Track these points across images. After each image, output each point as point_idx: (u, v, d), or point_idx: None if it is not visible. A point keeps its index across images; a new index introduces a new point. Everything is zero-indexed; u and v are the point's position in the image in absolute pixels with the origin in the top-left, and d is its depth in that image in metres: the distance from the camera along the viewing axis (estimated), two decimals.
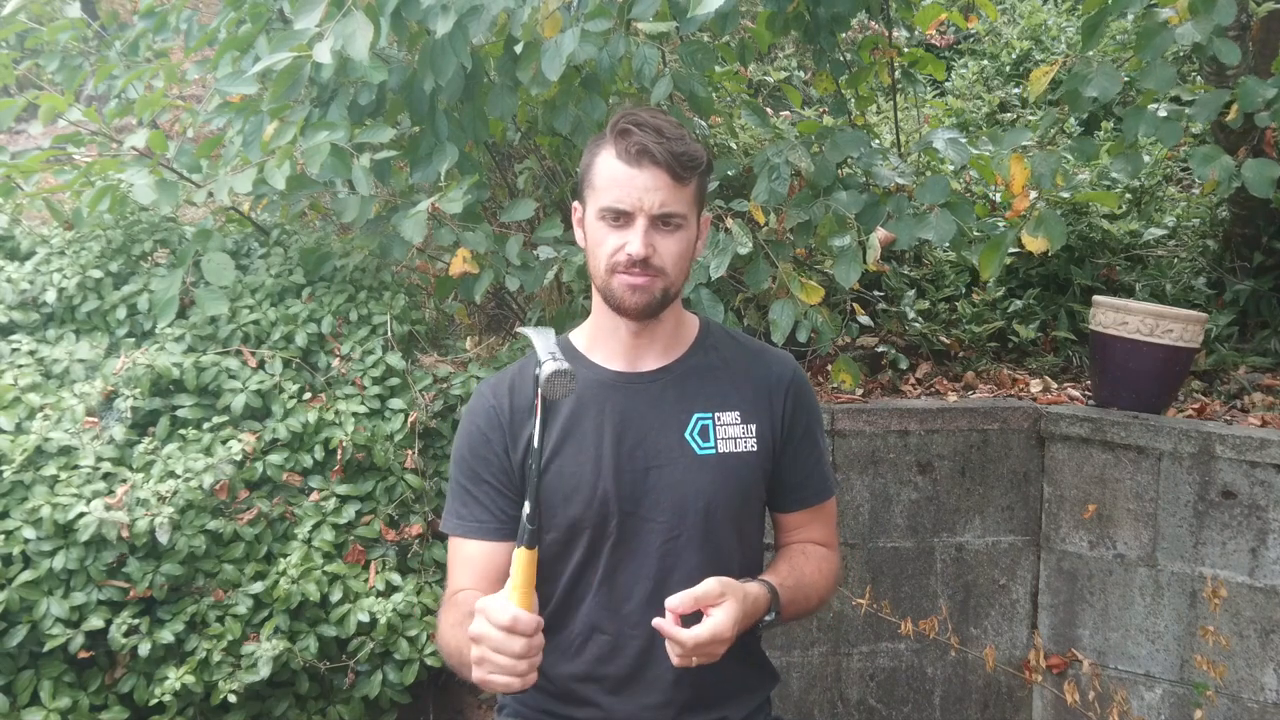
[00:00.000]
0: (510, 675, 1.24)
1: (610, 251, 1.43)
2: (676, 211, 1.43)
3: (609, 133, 1.45)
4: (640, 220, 1.41)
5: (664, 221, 1.43)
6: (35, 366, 2.40)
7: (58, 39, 2.79)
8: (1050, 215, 2.27)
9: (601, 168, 1.44)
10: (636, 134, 1.40)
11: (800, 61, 4.51)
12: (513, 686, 1.25)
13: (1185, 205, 3.89)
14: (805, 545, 1.61)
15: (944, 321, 3.37)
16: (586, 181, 1.48)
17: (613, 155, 1.43)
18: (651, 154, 1.40)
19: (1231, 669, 2.53)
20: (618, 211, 1.42)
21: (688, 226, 1.46)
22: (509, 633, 1.23)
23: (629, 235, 1.42)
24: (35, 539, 2.12)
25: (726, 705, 1.53)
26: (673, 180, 1.41)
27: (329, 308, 2.58)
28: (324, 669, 2.29)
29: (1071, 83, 2.25)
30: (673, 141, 1.41)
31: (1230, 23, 2.12)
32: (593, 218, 1.46)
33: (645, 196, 1.40)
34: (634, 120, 1.42)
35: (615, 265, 1.43)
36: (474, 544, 1.50)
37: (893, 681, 2.79)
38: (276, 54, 2.10)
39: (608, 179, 1.43)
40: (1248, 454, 2.49)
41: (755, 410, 1.53)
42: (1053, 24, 5.17)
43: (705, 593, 1.32)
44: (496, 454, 1.50)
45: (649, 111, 1.46)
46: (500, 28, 2.25)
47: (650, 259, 1.42)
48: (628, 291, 1.44)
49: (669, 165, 1.40)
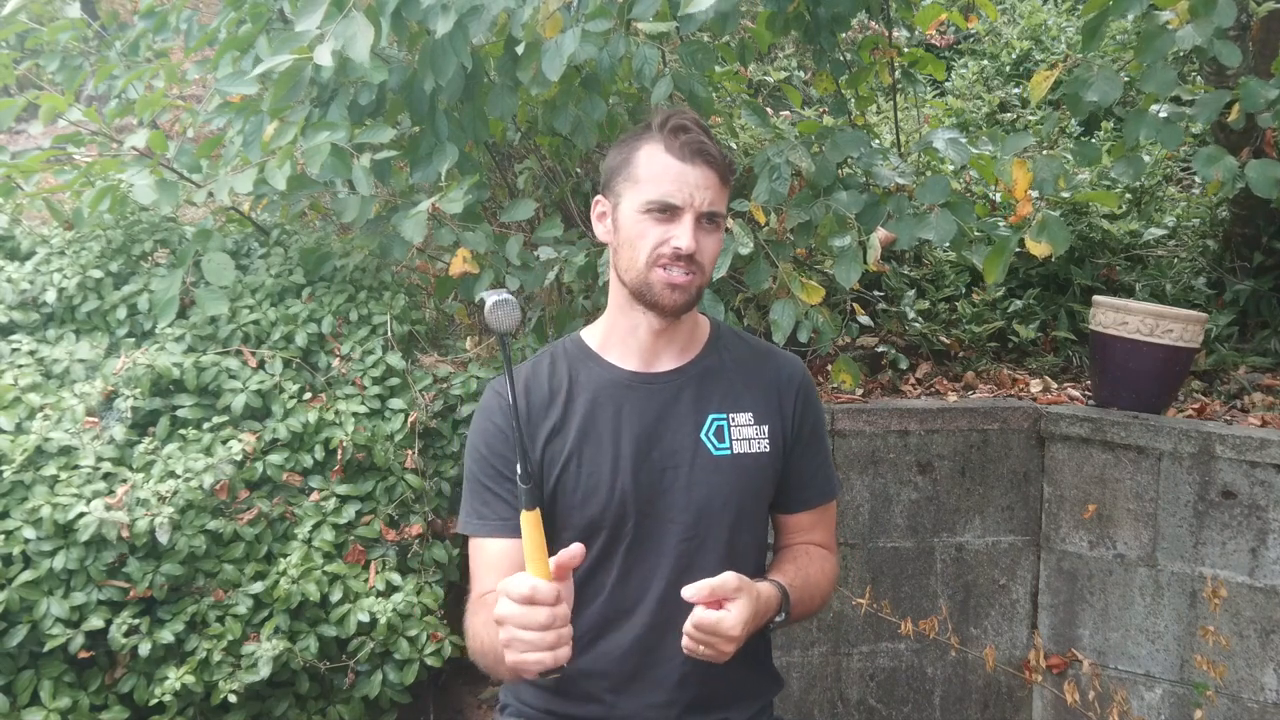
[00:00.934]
0: (539, 650, 1.22)
1: (655, 244, 1.43)
2: (720, 211, 1.46)
3: (656, 129, 1.45)
4: (689, 215, 1.42)
5: (709, 219, 1.45)
6: (35, 366, 2.40)
7: (58, 39, 2.79)
8: (1054, 221, 2.27)
9: (648, 161, 1.44)
10: (692, 131, 1.43)
11: (800, 61, 4.51)
12: (544, 663, 1.22)
13: (1185, 205, 3.89)
14: (807, 547, 1.62)
15: (944, 321, 3.37)
16: (624, 175, 1.47)
17: (661, 149, 1.43)
18: (707, 153, 1.43)
19: (1231, 669, 2.53)
20: (668, 205, 1.42)
21: (723, 227, 1.49)
22: (530, 604, 1.21)
23: (676, 230, 1.42)
24: (35, 539, 2.12)
25: (729, 708, 1.53)
26: (720, 181, 1.45)
27: (329, 308, 2.58)
28: (324, 669, 2.29)
29: (1072, 86, 2.25)
30: (716, 143, 1.45)
31: (1230, 24, 2.12)
32: (633, 210, 1.45)
33: (697, 193, 1.42)
34: (685, 119, 1.44)
35: (659, 258, 1.43)
36: (498, 543, 1.49)
37: (893, 681, 2.79)
38: (277, 56, 2.10)
39: (657, 172, 1.43)
40: (1248, 454, 2.49)
41: (767, 411, 1.54)
42: (1053, 24, 5.17)
43: (722, 584, 1.31)
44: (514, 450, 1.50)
45: (688, 112, 1.48)
46: (500, 28, 2.25)
47: (695, 255, 1.43)
48: (667, 290, 1.44)
49: (718, 165, 1.44)
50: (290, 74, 2.14)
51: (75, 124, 2.82)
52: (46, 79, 3.03)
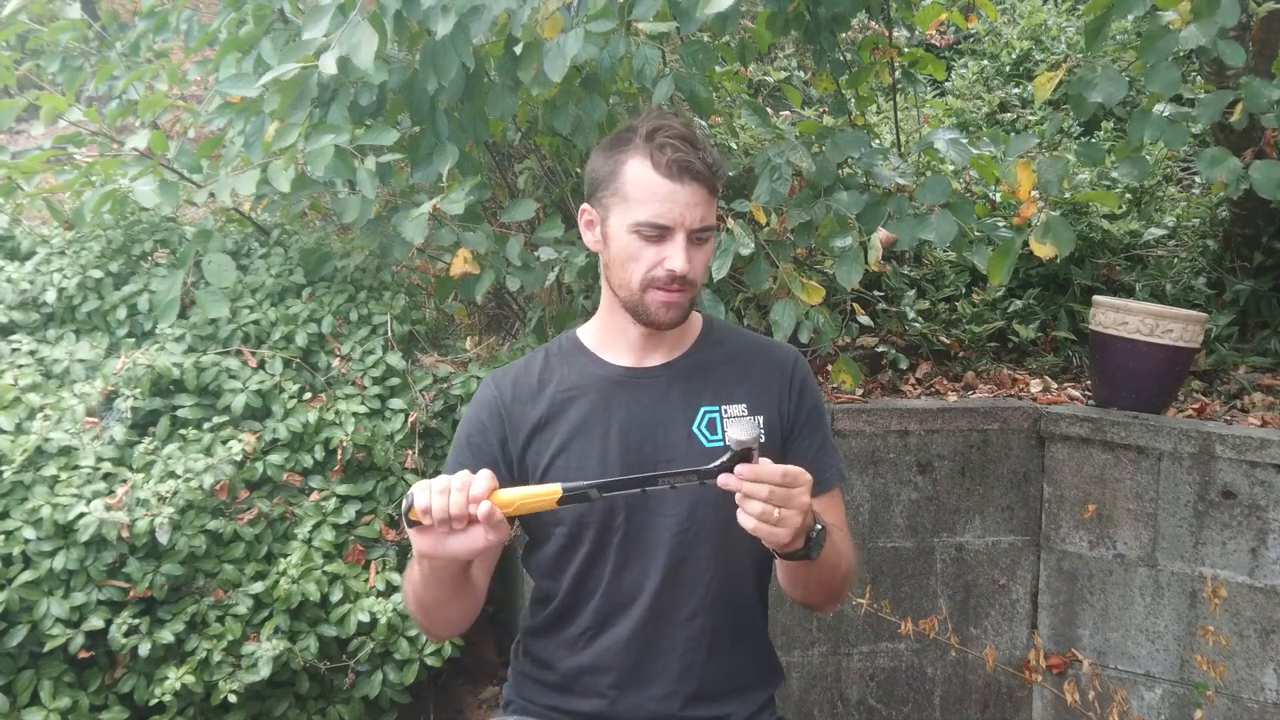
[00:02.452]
0: (425, 491, 1.24)
1: (648, 267, 1.42)
2: (711, 225, 1.44)
3: (640, 141, 1.42)
4: (680, 235, 1.41)
5: (700, 235, 1.43)
6: (35, 366, 2.40)
7: (58, 40, 2.79)
8: (1059, 223, 2.27)
9: (636, 179, 1.41)
10: (677, 148, 1.39)
11: (800, 61, 4.51)
12: (421, 499, 1.25)
13: (1185, 205, 3.89)
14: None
15: (944, 321, 3.37)
16: (611, 190, 1.45)
17: (648, 167, 1.41)
18: (693, 170, 1.40)
19: (1231, 669, 2.53)
20: (658, 227, 1.41)
21: (713, 237, 1.48)
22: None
23: (668, 250, 1.41)
24: (35, 539, 2.12)
25: (731, 700, 1.53)
26: (709, 194, 1.43)
27: (329, 308, 2.58)
28: (324, 669, 2.30)
29: (1076, 87, 2.25)
30: (704, 152, 1.42)
31: (1234, 25, 2.12)
32: (623, 229, 1.43)
33: (687, 213, 1.40)
34: (669, 133, 1.41)
35: (653, 281, 1.42)
36: None
37: (893, 681, 2.80)
38: (283, 65, 2.09)
39: (647, 193, 1.41)
40: (1248, 454, 2.49)
41: (762, 402, 1.53)
42: (1053, 24, 5.17)
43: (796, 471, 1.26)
44: (491, 445, 1.50)
45: (673, 118, 1.46)
46: (500, 28, 2.25)
47: (688, 274, 1.42)
48: (662, 309, 1.44)
49: (707, 180, 1.41)
50: (296, 82, 2.14)
51: (75, 124, 2.82)
52: (47, 79, 3.03)
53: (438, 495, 1.24)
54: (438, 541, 1.27)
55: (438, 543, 1.27)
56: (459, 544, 1.27)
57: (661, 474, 1.30)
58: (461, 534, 1.27)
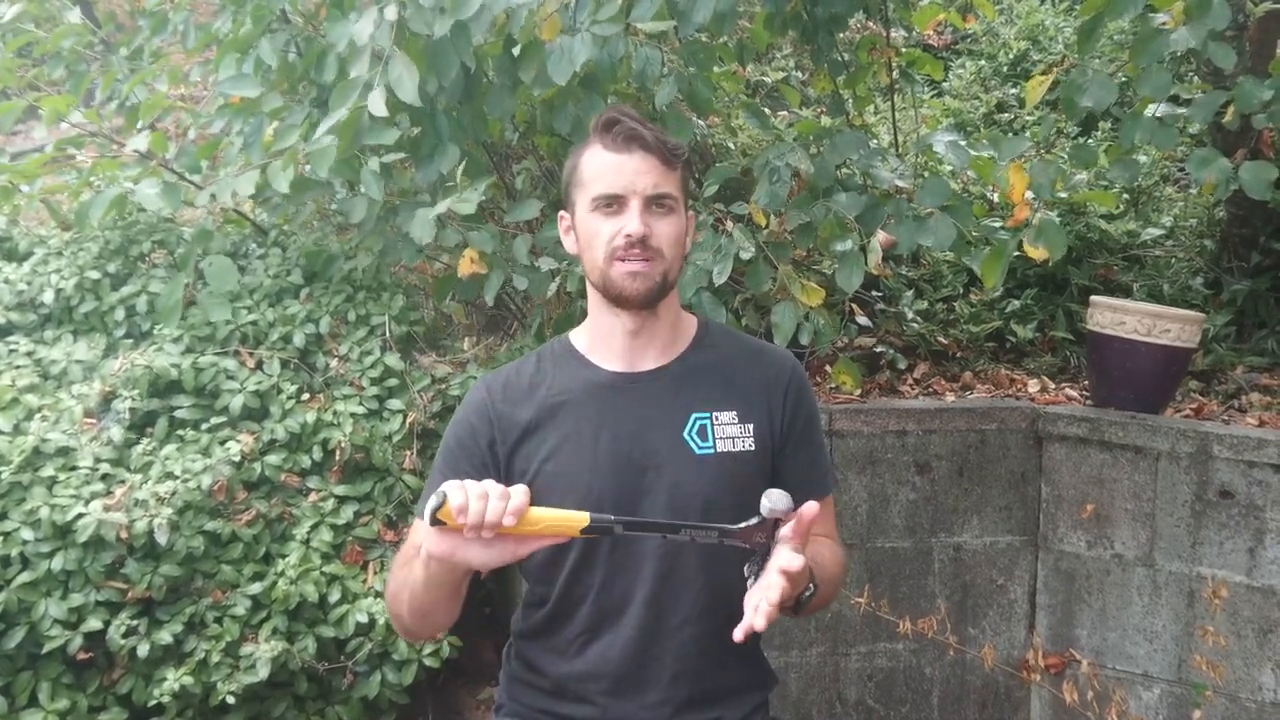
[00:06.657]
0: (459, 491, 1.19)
1: (608, 239, 1.43)
2: (669, 193, 1.45)
3: (592, 130, 1.47)
4: (635, 202, 1.42)
5: (658, 203, 1.44)
6: (33, 367, 2.40)
7: (60, 45, 2.78)
8: (1051, 225, 2.27)
9: (589, 162, 1.46)
10: (624, 121, 1.43)
11: (798, 61, 4.50)
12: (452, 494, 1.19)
13: (1183, 205, 3.90)
14: (815, 537, 1.61)
15: (942, 322, 3.37)
16: (574, 183, 1.49)
17: (600, 148, 1.45)
18: (641, 138, 1.42)
19: (1229, 669, 2.54)
20: (611, 197, 1.43)
21: (679, 210, 1.47)
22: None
23: (625, 219, 1.42)
24: (34, 540, 2.12)
25: (723, 705, 1.53)
26: (662, 164, 1.44)
27: (327, 308, 2.58)
28: (322, 670, 2.29)
29: (1068, 91, 2.26)
30: (653, 129, 1.45)
31: (1225, 27, 2.12)
32: (584, 211, 1.46)
33: (638, 179, 1.42)
34: (616, 112, 1.45)
35: (614, 251, 1.43)
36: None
37: (891, 681, 2.80)
38: (335, 113, 2.12)
39: (597, 169, 1.44)
40: (1245, 454, 2.49)
41: (753, 409, 1.53)
42: (1050, 24, 5.17)
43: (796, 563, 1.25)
44: (480, 448, 1.50)
45: (628, 108, 1.48)
46: (499, 28, 2.25)
47: (648, 239, 1.42)
48: (628, 279, 1.43)
49: (658, 149, 1.43)
50: (349, 124, 2.14)
51: (76, 125, 2.82)
52: (48, 82, 3.02)
53: (476, 499, 1.19)
54: (458, 546, 1.23)
55: (457, 547, 1.23)
56: (478, 553, 1.24)
57: (685, 524, 1.30)
58: (484, 544, 1.23)
